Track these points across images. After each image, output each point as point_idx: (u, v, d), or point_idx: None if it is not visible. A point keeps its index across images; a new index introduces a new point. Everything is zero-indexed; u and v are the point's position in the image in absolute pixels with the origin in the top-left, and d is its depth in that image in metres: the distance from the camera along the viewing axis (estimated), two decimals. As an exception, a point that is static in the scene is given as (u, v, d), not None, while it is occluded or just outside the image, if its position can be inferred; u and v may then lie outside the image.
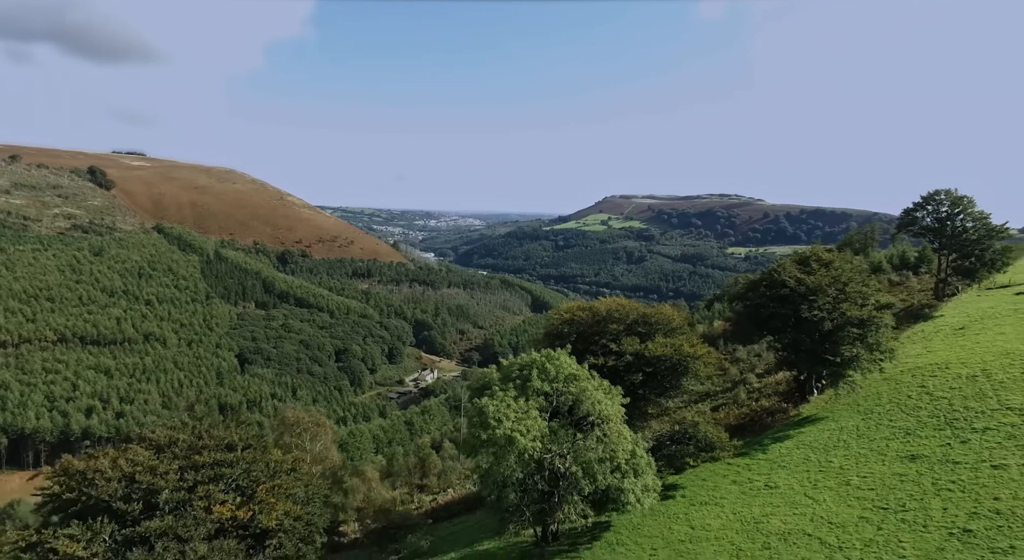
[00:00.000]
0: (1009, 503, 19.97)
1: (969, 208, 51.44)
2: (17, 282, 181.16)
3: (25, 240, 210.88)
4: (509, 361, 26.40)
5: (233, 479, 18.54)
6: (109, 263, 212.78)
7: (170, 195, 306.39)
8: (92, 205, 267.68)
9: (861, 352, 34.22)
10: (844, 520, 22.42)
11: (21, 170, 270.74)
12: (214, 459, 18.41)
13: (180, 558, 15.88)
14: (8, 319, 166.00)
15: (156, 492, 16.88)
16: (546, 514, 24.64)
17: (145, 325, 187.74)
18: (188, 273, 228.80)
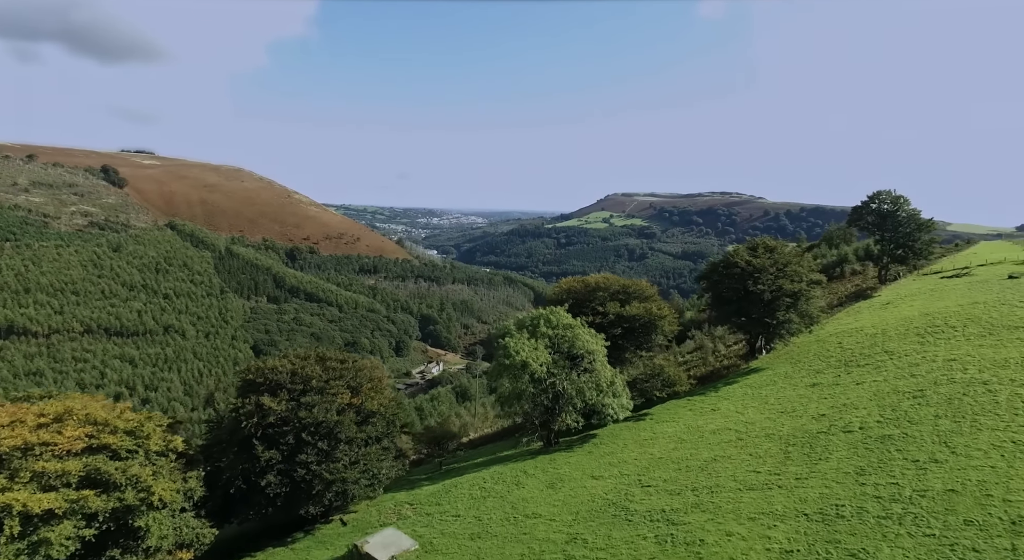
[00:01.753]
0: (853, 401, 30.61)
1: (904, 206, 61.98)
2: (44, 276, 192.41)
3: (47, 236, 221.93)
4: (523, 315, 37.11)
5: (347, 380, 29.18)
6: (128, 258, 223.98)
7: (181, 193, 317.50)
8: (107, 203, 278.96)
9: (793, 317, 44.85)
10: (753, 420, 33.00)
11: (38, 169, 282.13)
12: (335, 367, 29.09)
13: (324, 415, 26.64)
14: (38, 311, 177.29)
15: (310, 379, 27.51)
16: (550, 421, 35.35)
17: (164, 318, 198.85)
18: (202, 269, 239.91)
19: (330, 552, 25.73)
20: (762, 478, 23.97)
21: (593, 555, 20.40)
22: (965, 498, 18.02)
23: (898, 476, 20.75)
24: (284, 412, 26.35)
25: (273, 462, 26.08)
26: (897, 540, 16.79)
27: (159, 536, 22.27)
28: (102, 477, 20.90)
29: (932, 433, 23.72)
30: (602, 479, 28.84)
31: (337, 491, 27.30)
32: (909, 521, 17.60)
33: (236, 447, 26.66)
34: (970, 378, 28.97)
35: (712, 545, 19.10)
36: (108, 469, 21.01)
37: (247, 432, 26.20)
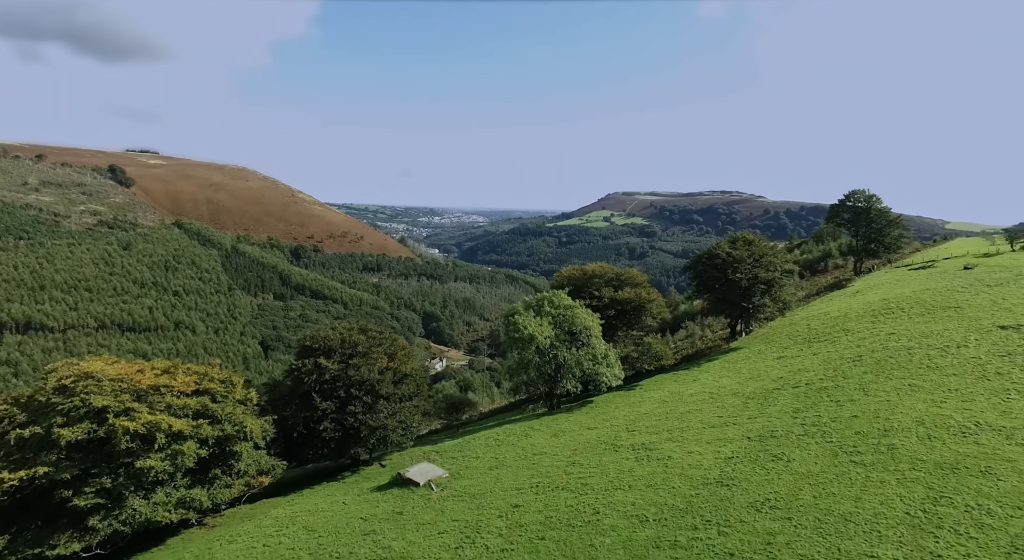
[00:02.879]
0: (807, 367, 37.04)
1: (876, 204, 68.35)
2: (58, 274, 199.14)
3: (59, 235, 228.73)
4: (529, 297, 43.57)
5: (384, 348, 35.65)
6: (138, 256, 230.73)
7: (186, 192, 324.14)
8: (115, 202, 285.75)
9: (767, 302, 51.29)
10: (725, 385, 39.38)
11: (47, 168, 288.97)
12: (375, 336, 35.59)
13: (368, 374, 33.11)
14: (54, 307, 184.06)
15: (356, 345, 33.97)
16: (553, 387, 41.82)
17: (175, 314, 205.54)
18: (210, 266, 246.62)
19: (375, 482, 32.17)
20: (722, 420, 30.42)
21: (587, 471, 26.80)
22: (861, 420, 24.49)
23: (821, 411, 27.21)
24: (336, 371, 32.86)
25: (328, 412, 32.56)
26: (808, 446, 23.25)
27: (247, 462, 28.75)
28: (209, 412, 27.39)
29: (856, 383, 30.18)
30: (596, 428, 35.27)
31: (379, 437, 33.79)
32: (820, 436, 24.06)
33: (298, 400, 33.16)
34: (900, 346, 35.42)
35: (676, 459, 25.55)
36: (213, 407, 27.50)
37: (307, 387, 32.69)
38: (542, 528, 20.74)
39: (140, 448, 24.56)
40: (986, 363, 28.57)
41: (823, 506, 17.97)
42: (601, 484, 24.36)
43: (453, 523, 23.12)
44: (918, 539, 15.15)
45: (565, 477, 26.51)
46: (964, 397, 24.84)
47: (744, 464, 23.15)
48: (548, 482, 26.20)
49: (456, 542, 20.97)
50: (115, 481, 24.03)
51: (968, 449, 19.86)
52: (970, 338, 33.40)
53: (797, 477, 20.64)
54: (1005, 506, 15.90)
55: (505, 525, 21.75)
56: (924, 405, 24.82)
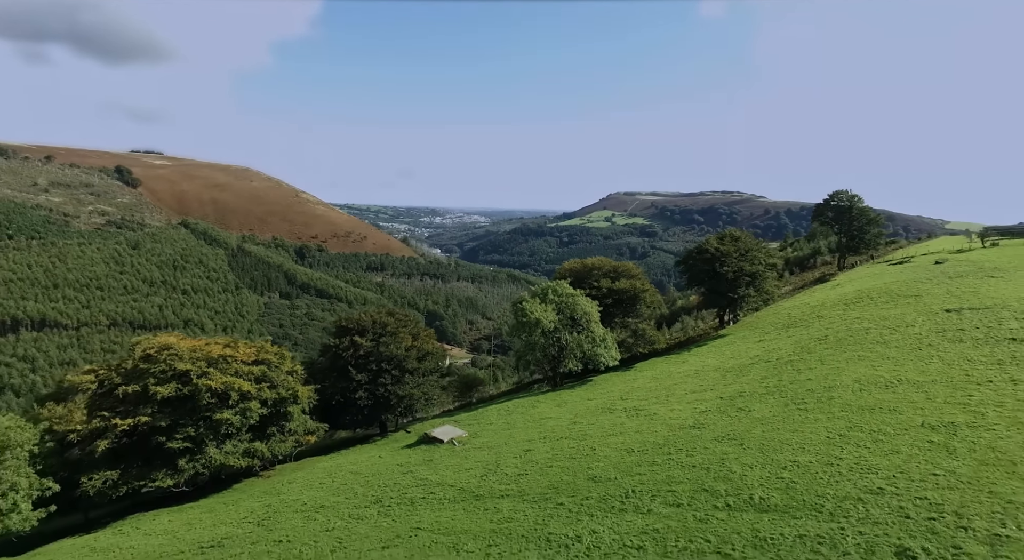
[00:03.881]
0: (780, 346, 42.41)
1: (858, 204, 73.69)
2: (70, 273, 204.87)
3: (69, 235, 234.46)
4: (535, 287, 48.94)
5: (409, 329, 41.10)
6: (146, 256, 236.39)
7: (192, 193, 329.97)
8: (122, 202, 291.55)
9: (751, 292, 56.65)
10: (709, 364, 44.73)
11: (55, 169, 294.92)
12: (401, 319, 41.07)
13: (395, 351, 38.59)
14: (67, 305, 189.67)
15: (385, 325, 39.39)
16: (556, 367, 47.23)
17: (184, 312, 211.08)
18: (217, 265, 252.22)
19: (404, 443, 37.57)
20: (702, 388, 35.84)
21: (586, 427, 32.19)
22: (812, 382, 29.90)
23: (783, 377, 32.60)
24: (369, 348, 38.32)
25: (362, 382, 38.00)
26: (766, 401, 28.65)
27: (297, 422, 34.21)
28: (267, 378, 32.84)
29: (817, 357, 35.57)
30: (594, 399, 40.68)
31: (406, 405, 39.26)
32: (777, 394, 29.46)
33: (336, 373, 38.61)
34: (860, 327, 40.79)
35: (661, 414, 30.96)
36: (270, 374, 32.96)
37: (344, 361, 38.13)
38: (550, 461, 26.14)
39: (217, 404, 30.01)
40: (923, 338, 33.94)
41: (768, 436, 23.37)
42: (598, 434, 29.78)
43: (476, 462, 28.54)
44: (830, 450, 20.53)
45: (568, 431, 31.93)
46: (897, 363, 30.22)
47: (714, 414, 28.57)
48: (553, 435, 31.64)
49: (481, 472, 26.38)
50: (197, 431, 29.48)
51: (886, 396, 25.25)
52: (918, 320, 38.73)
53: (753, 420, 26.05)
54: (897, 429, 21.30)
55: (519, 462, 27.15)
56: (864, 369, 30.21)
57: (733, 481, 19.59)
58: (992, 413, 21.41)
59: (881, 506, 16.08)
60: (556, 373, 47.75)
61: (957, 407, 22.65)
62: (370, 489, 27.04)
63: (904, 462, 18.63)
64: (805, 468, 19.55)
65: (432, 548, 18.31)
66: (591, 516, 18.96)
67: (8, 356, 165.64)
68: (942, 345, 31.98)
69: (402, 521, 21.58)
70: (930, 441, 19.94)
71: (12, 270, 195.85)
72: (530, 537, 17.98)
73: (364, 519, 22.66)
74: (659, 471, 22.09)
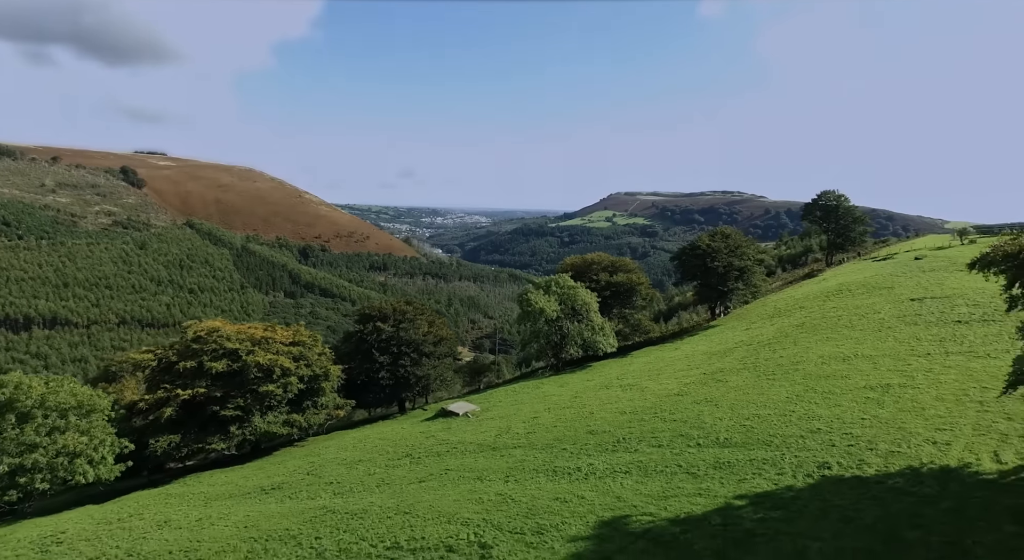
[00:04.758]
0: (763, 333, 46.91)
1: (844, 203, 78.16)
2: (80, 272, 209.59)
3: (77, 235, 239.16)
4: (539, 280, 53.44)
5: (426, 317, 45.65)
6: (153, 256, 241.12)
7: (196, 193, 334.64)
8: (127, 203, 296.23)
9: (740, 285, 61.14)
10: (699, 349, 49.22)
11: (62, 170, 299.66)
12: (418, 307, 45.62)
13: (414, 336, 43.16)
14: (78, 304, 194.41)
15: (404, 313, 43.96)
16: (559, 352, 51.74)
17: (191, 310, 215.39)
18: (223, 265, 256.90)
19: (423, 417, 42.08)
20: (689, 367, 40.34)
21: (586, 400, 36.65)
22: (783, 359, 34.43)
23: (760, 357, 37.12)
24: (390, 332, 42.87)
25: (385, 364, 42.53)
26: (741, 374, 33.15)
27: (328, 397, 38.77)
28: (303, 357, 37.39)
29: (792, 340, 40.09)
30: (593, 380, 45.17)
31: (423, 385, 43.81)
32: (753, 369, 33.97)
33: (360, 355, 43.13)
34: (834, 315, 45.32)
35: (651, 387, 35.47)
36: (306, 353, 37.51)
37: (368, 345, 42.66)
38: (554, 423, 30.65)
39: (262, 378, 34.56)
40: (885, 322, 38.48)
41: (738, 399, 27.89)
42: (596, 403, 34.30)
43: (490, 427, 33.06)
44: (786, 406, 25.05)
45: (569, 403, 36.44)
46: (858, 342, 34.76)
47: (696, 385, 33.11)
48: (557, 406, 36.15)
49: (495, 434, 30.89)
50: (246, 401, 34.01)
51: (842, 367, 29.80)
52: (885, 307, 43.26)
53: (728, 388, 30.58)
54: (844, 390, 25.85)
55: (528, 425, 31.65)
56: (829, 347, 34.76)
57: (705, 428, 24.12)
58: (921, 377, 25.98)
59: (816, 440, 20.63)
60: (559, 359, 52.27)
61: (896, 373, 27.21)
62: (399, 448, 31.56)
63: (842, 412, 23.17)
64: (764, 418, 24.08)
65: (461, 480, 22.85)
66: (589, 455, 23.50)
67: (22, 353, 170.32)
68: (899, 327, 36.51)
69: (432, 466, 26.12)
70: (867, 397, 24.49)
71: (23, 269, 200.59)
72: (540, 470, 22.51)
73: (399, 466, 27.20)
74: (645, 425, 26.60)
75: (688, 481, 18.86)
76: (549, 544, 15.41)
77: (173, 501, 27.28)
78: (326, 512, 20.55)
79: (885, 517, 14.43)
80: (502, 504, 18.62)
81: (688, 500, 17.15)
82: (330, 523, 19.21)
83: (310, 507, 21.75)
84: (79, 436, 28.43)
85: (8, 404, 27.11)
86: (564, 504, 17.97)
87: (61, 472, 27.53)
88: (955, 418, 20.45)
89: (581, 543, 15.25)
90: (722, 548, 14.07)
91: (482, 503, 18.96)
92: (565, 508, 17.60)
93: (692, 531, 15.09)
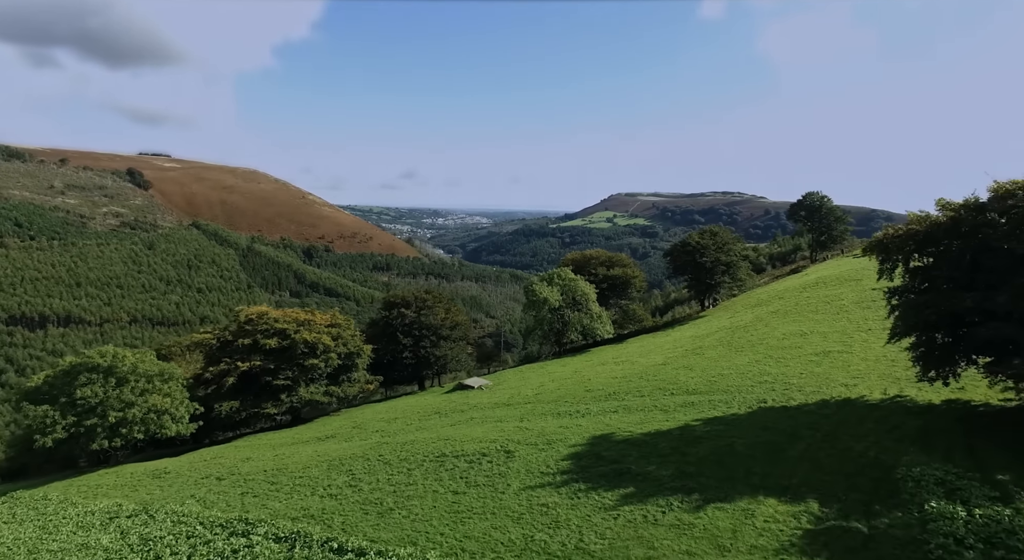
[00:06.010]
0: (742, 319, 53.07)
1: (827, 204, 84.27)
2: (91, 272, 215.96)
3: (87, 235, 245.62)
4: (542, 273, 59.62)
5: (443, 304, 51.83)
6: (162, 256, 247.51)
7: (201, 194, 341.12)
8: (134, 204, 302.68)
9: (726, 279, 67.30)
10: (687, 334, 55.34)
11: (70, 172, 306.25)
12: (436, 296, 51.82)
13: (432, 321, 49.33)
14: (90, 303, 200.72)
15: (424, 300, 50.14)
16: (561, 338, 57.91)
17: (200, 309, 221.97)
18: (229, 265, 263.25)
19: (441, 391, 48.23)
20: (675, 347, 46.48)
21: (585, 373, 42.74)
22: (752, 337, 40.57)
23: (735, 336, 43.24)
24: (413, 317, 49.03)
25: (408, 345, 48.67)
26: (716, 348, 39.29)
27: (360, 373, 44.93)
28: (340, 337, 43.56)
29: (765, 323, 46.22)
30: (592, 360, 51.31)
31: (441, 364, 49.93)
32: (727, 344, 40.12)
33: (385, 338, 49.28)
34: (805, 303, 51.44)
35: (641, 361, 41.61)
36: (342, 333, 43.69)
37: (394, 328, 48.81)
38: (557, 389, 36.80)
39: (307, 353, 40.73)
40: (845, 307, 44.59)
41: (709, 365, 34.04)
42: (592, 374, 40.46)
43: (502, 394, 39.20)
44: (746, 368, 31.19)
45: (570, 376, 42.60)
46: (817, 323, 40.90)
47: (678, 358, 39.29)
48: (559, 378, 42.32)
49: (507, 396, 37.05)
50: (293, 373, 40.16)
51: (798, 341, 35.94)
52: (848, 295, 49.37)
53: (703, 359, 36.74)
54: (794, 356, 31.99)
55: (535, 391, 37.79)
56: (792, 327, 40.92)
57: (679, 384, 30.30)
58: (858, 346, 32.14)
59: (762, 387, 26.80)
60: (560, 344, 58.40)
61: (839, 343, 33.37)
62: (428, 409, 37.71)
63: (787, 370, 29.34)
64: (726, 376, 30.25)
65: (484, 421, 29.02)
66: (585, 404, 29.66)
67: (38, 350, 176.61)
68: (854, 310, 42.63)
69: (458, 417, 32.28)
70: (810, 360, 30.65)
71: (37, 269, 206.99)
72: (547, 413, 28.69)
73: (431, 419, 33.36)
74: (632, 384, 32.77)
75: (660, 414, 25.01)
76: (555, 448, 21.58)
77: (244, 449, 33.46)
78: (381, 444, 26.73)
79: (792, 425, 20.60)
80: (519, 431, 24.80)
81: (658, 424, 23.30)
82: (387, 448, 25.37)
83: (366, 443, 27.91)
84: (163, 398, 34.52)
85: (110, 370, 33.23)
86: (566, 430, 24.14)
87: (151, 426, 33.61)
88: (868, 371, 26.62)
89: (579, 447, 21.41)
90: (678, 446, 20.21)
91: (504, 432, 25.13)
92: (567, 431, 23.77)
93: (657, 438, 21.25)
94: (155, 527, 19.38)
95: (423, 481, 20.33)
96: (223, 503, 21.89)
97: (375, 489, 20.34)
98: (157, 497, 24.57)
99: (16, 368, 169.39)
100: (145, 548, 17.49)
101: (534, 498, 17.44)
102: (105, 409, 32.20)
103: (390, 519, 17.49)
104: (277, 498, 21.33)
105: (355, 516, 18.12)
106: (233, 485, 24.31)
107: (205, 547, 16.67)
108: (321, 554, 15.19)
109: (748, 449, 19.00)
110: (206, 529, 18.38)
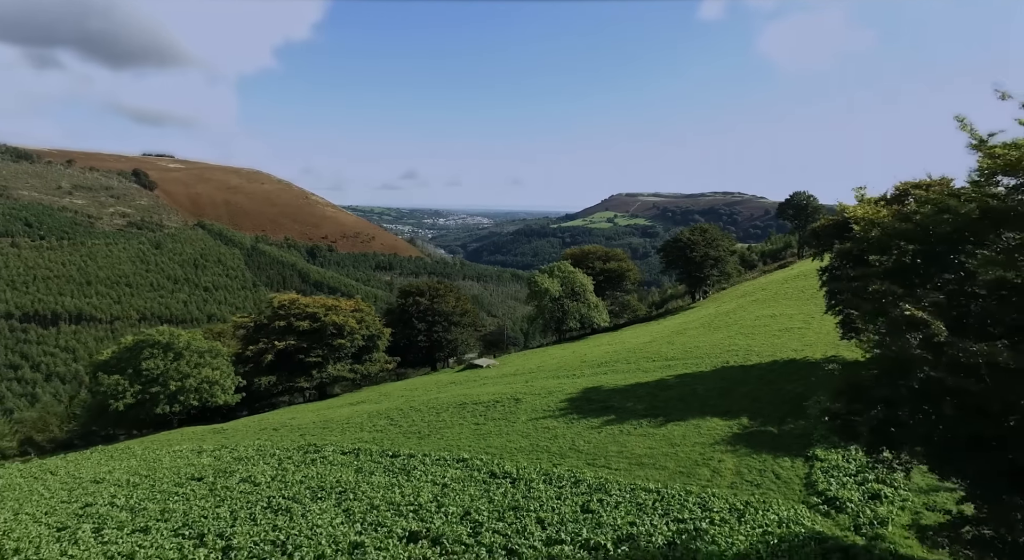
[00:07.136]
0: (727, 307, 58.54)
1: (813, 202, 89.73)
2: (101, 270, 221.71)
3: (95, 235, 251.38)
4: (544, 266, 65.13)
5: (453, 294, 57.28)
6: (169, 255, 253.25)
7: (206, 195, 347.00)
8: (140, 204, 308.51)
9: (714, 272, 72.79)
10: (676, 322, 60.79)
11: (77, 173, 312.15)
12: (447, 285, 57.30)
13: (444, 307, 54.82)
14: (100, 301, 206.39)
15: (437, 290, 55.62)
16: (560, 326, 63.40)
17: (207, 308, 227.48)
18: (235, 264, 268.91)
19: (452, 371, 53.65)
20: (663, 332, 51.96)
21: (581, 351, 48.20)
22: (729, 320, 46.05)
23: (715, 320, 48.73)
24: (426, 304, 54.52)
25: (422, 330, 54.14)
26: (697, 329, 44.77)
27: (380, 353, 50.43)
28: (364, 320, 49.06)
29: (743, 309, 51.67)
30: (589, 344, 56.79)
31: (452, 347, 55.40)
32: (707, 325, 45.57)
33: (402, 323, 54.76)
34: (782, 292, 56.88)
35: (632, 342, 47.12)
36: (365, 317, 49.20)
37: (409, 314, 54.29)
38: (557, 363, 42.29)
39: (336, 334, 46.22)
40: (813, 294, 49.91)
41: (688, 341, 39.51)
42: (589, 353, 45.92)
43: (509, 368, 44.69)
44: (719, 341, 36.64)
45: (569, 356, 48.04)
46: (787, 307, 46.39)
47: (663, 337, 44.78)
48: (558, 357, 47.79)
49: (513, 371, 42.52)
50: (323, 352, 45.64)
51: (767, 322, 41.41)
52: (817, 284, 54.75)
53: (684, 337, 42.23)
54: (762, 333, 37.43)
55: (538, 365, 43.29)
56: (765, 311, 46.39)
57: (661, 354, 35.80)
58: (816, 323, 37.62)
59: (728, 354, 32.29)
60: (560, 332, 63.86)
61: (801, 322, 38.87)
62: (443, 382, 43.22)
63: (752, 342, 34.81)
64: (700, 347, 35.74)
65: (494, 383, 34.51)
66: (581, 371, 35.18)
67: (52, 346, 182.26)
68: (820, 297, 47.98)
69: (471, 384, 37.78)
70: (774, 335, 36.14)
71: (48, 268, 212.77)
72: (548, 377, 34.22)
73: (448, 387, 38.86)
74: (620, 356, 38.26)
75: (642, 374, 30.52)
76: (555, 396, 27.08)
77: (286, 413, 38.96)
78: (406, 401, 32.22)
79: (744, 377, 26.10)
80: (525, 387, 30.35)
81: (638, 379, 28.82)
82: (416, 403, 30.88)
83: (395, 404, 33.41)
84: (213, 371, 39.99)
85: (168, 346, 38.69)
86: (564, 385, 29.67)
87: (204, 394, 39.09)
88: (818, 341, 32.12)
89: (573, 395, 26.93)
90: (652, 391, 25.69)
91: (512, 388, 30.66)
92: (564, 386, 29.31)
93: (637, 387, 26.75)
94: (241, 453, 24.87)
95: (450, 419, 25.85)
96: (287, 442, 27.37)
97: (412, 425, 25.86)
98: (227, 443, 30.04)
99: (31, 364, 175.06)
100: (239, 464, 22.96)
101: (539, 424, 22.95)
102: (166, 379, 37.64)
103: (428, 441, 23.00)
104: (332, 436, 26.81)
105: (400, 440, 23.63)
106: (290, 432, 29.79)
107: (288, 461, 22.13)
108: (381, 459, 20.67)
109: (706, 392, 24.49)
110: (283, 453, 23.86)
